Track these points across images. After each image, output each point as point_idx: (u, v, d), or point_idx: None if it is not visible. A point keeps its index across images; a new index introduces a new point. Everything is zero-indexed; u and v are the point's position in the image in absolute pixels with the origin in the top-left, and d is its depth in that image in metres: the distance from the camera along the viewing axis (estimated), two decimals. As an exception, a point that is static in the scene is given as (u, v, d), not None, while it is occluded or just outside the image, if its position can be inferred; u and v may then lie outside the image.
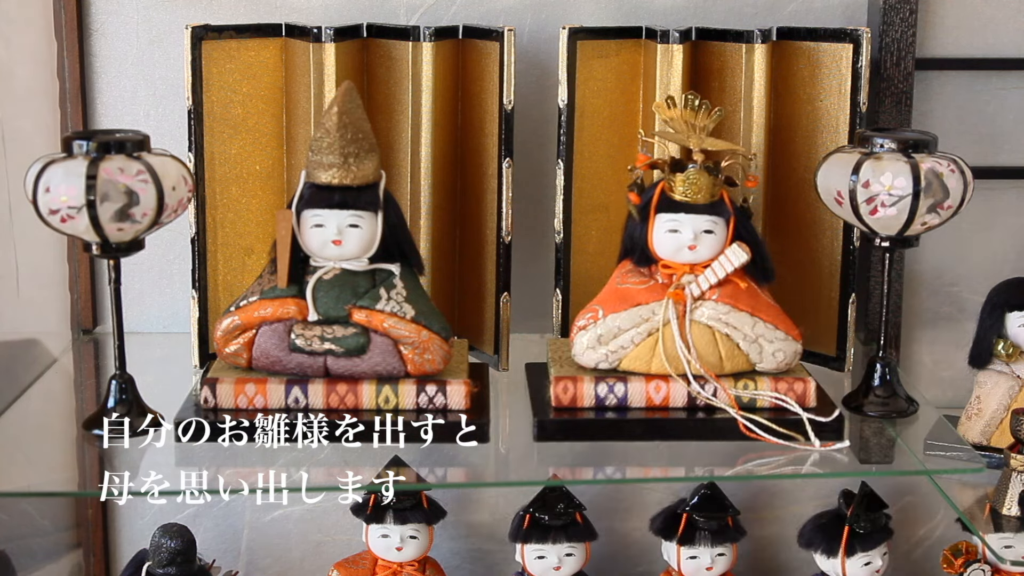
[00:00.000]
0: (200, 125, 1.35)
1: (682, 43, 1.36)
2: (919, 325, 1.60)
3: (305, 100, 1.36)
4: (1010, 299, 1.35)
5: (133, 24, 1.49)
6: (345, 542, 1.62)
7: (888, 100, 1.48)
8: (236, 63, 1.37)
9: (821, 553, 1.45)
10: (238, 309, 1.23)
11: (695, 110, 1.26)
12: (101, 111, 1.50)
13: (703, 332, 1.24)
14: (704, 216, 1.25)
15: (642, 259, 1.28)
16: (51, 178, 1.14)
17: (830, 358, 1.42)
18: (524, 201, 1.48)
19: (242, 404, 1.21)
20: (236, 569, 1.55)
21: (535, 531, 1.42)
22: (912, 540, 1.67)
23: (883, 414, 1.30)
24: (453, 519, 1.60)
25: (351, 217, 1.23)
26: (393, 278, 1.25)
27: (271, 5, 1.49)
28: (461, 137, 1.42)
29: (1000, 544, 1.28)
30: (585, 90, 1.39)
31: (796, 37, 1.39)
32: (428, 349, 1.22)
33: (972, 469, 1.25)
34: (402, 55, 1.37)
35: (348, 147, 1.22)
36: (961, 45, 1.54)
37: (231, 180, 1.39)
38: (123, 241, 1.18)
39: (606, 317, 1.25)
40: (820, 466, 1.20)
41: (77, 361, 1.50)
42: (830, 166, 1.26)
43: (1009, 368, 1.35)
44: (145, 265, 1.53)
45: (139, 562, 1.39)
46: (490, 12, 1.50)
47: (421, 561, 1.45)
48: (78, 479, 1.25)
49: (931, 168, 1.21)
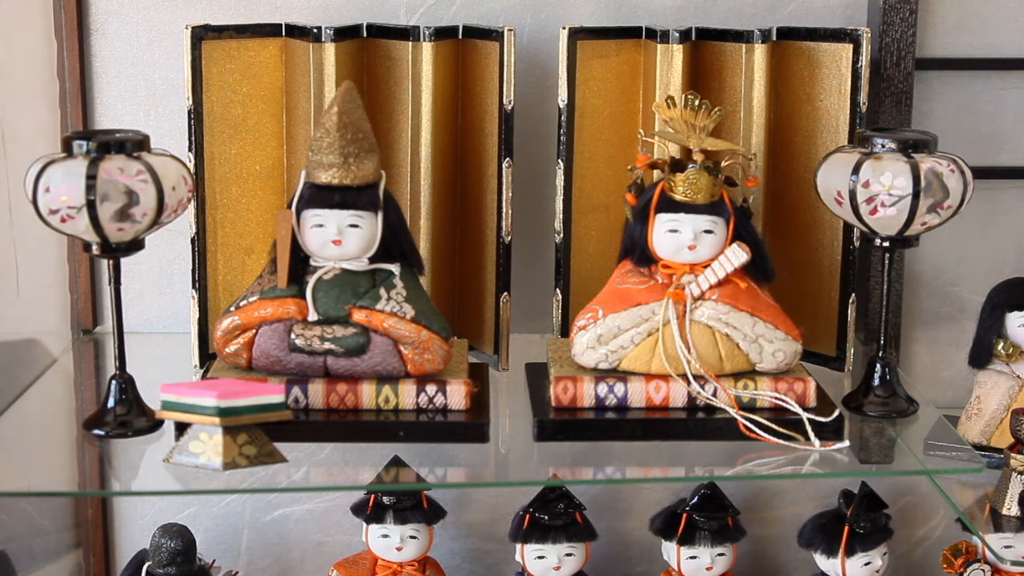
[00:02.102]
0: (200, 125, 1.35)
1: (682, 43, 1.36)
2: (919, 325, 1.60)
3: (305, 100, 1.36)
4: (1010, 299, 1.35)
5: (133, 24, 1.49)
6: (345, 542, 1.62)
7: (888, 100, 1.48)
8: (236, 63, 1.37)
9: (821, 553, 1.45)
10: (238, 309, 1.23)
11: (695, 110, 1.26)
12: (101, 111, 1.50)
13: (703, 332, 1.24)
14: (704, 216, 1.25)
15: (642, 259, 1.28)
16: (51, 178, 1.14)
17: (830, 358, 1.42)
18: (524, 201, 1.48)
19: (242, 404, 1.21)
20: (236, 569, 1.55)
21: (535, 531, 1.42)
22: (912, 540, 1.67)
23: (883, 414, 1.30)
24: (453, 519, 1.60)
25: (351, 217, 1.23)
26: (393, 278, 1.25)
27: (271, 5, 1.49)
28: (461, 137, 1.42)
29: (1000, 544, 1.28)
30: (585, 90, 1.39)
31: (796, 37, 1.39)
32: (428, 349, 1.22)
33: (972, 469, 1.25)
34: (402, 55, 1.37)
35: (348, 147, 1.22)
36: (961, 45, 1.54)
37: (231, 180, 1.39)
38: (123, 241, 1.18)
39: (606, 317, 1.25)
40: (820, 466, 1.20)
41: (77, 361, 1.50)
42: (830, 166, 1.26)
43: (1009, 368, 1.35)
44: (145, 265, 1.53)
45: (139, 562, 1.39)
46: (490, 12, 1.50)
47: (421, 561, 1.45)
48: (78, 479, 1.25)
49: (931, 168, 1.21)
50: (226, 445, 1.12)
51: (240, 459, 1.13)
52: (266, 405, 1.14)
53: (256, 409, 1.14)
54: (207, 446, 1.13)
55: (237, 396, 1.13)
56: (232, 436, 1.13)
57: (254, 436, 1.14)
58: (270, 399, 1.14)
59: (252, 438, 1.14)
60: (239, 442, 1.13)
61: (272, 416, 1.14)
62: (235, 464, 1.12)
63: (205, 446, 1.13)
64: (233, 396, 1.12)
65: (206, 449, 1.13)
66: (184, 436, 1.14)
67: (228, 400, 1.12)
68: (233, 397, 1.12)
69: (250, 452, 1.13)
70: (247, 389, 1.14)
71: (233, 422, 1.12)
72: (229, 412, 1.12)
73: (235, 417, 1.12)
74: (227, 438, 1.12)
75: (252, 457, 1.13)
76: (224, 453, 1.12)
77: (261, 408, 1.14)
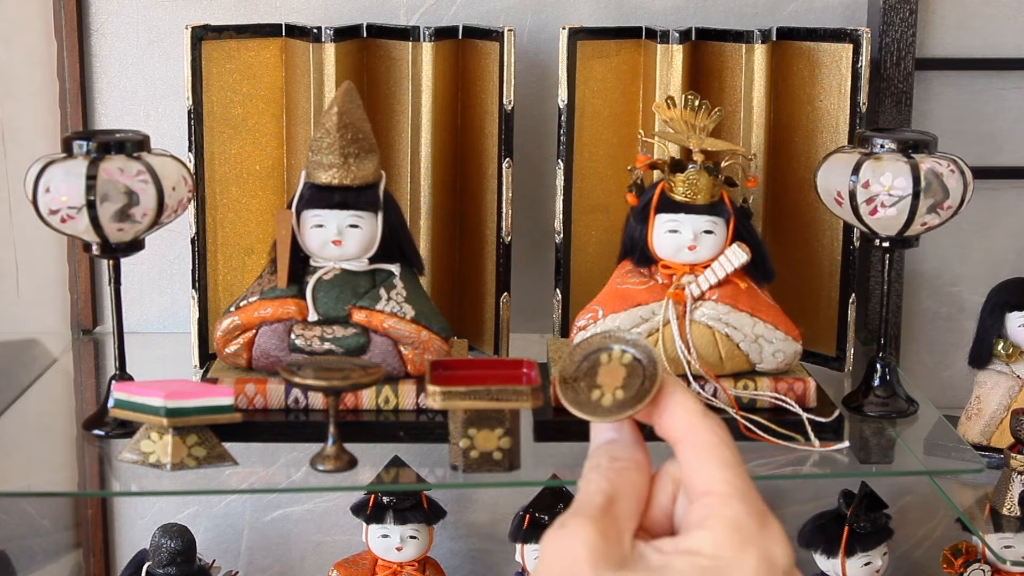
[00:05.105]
0: (200, 125, 1.35)
1: (682, 43, 1.36)
2: (919, 325, 1.61)
3: (305, 100, 1.36)
4: (1010, 299, 1.35)
5: (133, 24, 1.49)
6: (345, 542, 1.62)
7: (888, 100, 1.48)
8: (236, 63, 1.37)
9: (821, 553, 1.45)
10: (238, 309, 1.23)
11: (695, 110, 1.26)
12: (101, 111, 1.51)
13: (703, 332, 1.24)
14: (704, 216, 1.25)
15: (642, 259, 1.27)
16: (51, 178, 1.14)
17: (830, 358, 1.42)
18: (524, 201, 1.48)
19: (242, 404, 1.21)
20: (236, 569, 1.55)
21: (535, 531, 1.42)
22: (912, 540, 1.67)
23: (883, 414, 1.30)
24: (453, 519, 1.60)
25: (351, 217, 1.23)
26: (393, 278, 1.25)
27: (271, 5, 1.49)
28: (461, 137, 1.42)
29: (1000, 544, 1.28)
30: (585, 90, 1.39)
31: (796, 37, 1.39)
32: (428, 349, 1.22)
33: (972, 469, 1.25)
34: (402, 55, 1.37)
35: (348, 147, 1.22)
36: (961, 45, 1.54)
37: (231, 180, 1.39)
38: (123, 241, 1.18)
39: (606, 317, 1.25)
40: (820, 466, 1.20)
41: (77, 361, 1.50)
42: (830, 166, 1.26)
43: (1009, 368, 1.35)
44: (145, 265, 1.53)
45: (139, 562, 1.39)
46: (490, 12, 1.50)
47: (421, 561, 1.46)
48: (78, 479, 1.25)
49: (931, 168, 1.21)
50: (175, 446, 1.12)
51: (189, 460, 1.13)
52: (214, 407, 1.14)
53: (204, 410, 1.13)
54: (157, 446, 1.13)
55: (185, 397, 1.12)
56: (181, 437, 1.13)
57: (204, 437, 1.14)
58: (218, 400, 1.14)
59: (202, 439, 1.14)
60: (188, 443, 1.13)
61: (221, 418, 1.14)
62: (183, 465, 1.12)
63: (155, 446, 1.13)
64: (181, 397, 1.12)
65: (156, 449, 1.13)
66: (136, 434, 1.15)
67: (176, 401, 1.12)
68: (181, 398, 1.12)
69: (199, 453, 1.13)
70: (196, 390, 1.14)
71: (181, 423, 1.12)
72: (177, 413, 1.12)
73: (183, 418, 1.12)
74: (176, 439, 1.13)
75: (201, 459, 1.13)
76: (173, 453, 1.12)
77: (209, 410, 1.14)
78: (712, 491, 0.61)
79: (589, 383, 0.65)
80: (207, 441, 1.14)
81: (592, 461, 0.64)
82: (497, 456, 1.11)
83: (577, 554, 0.59)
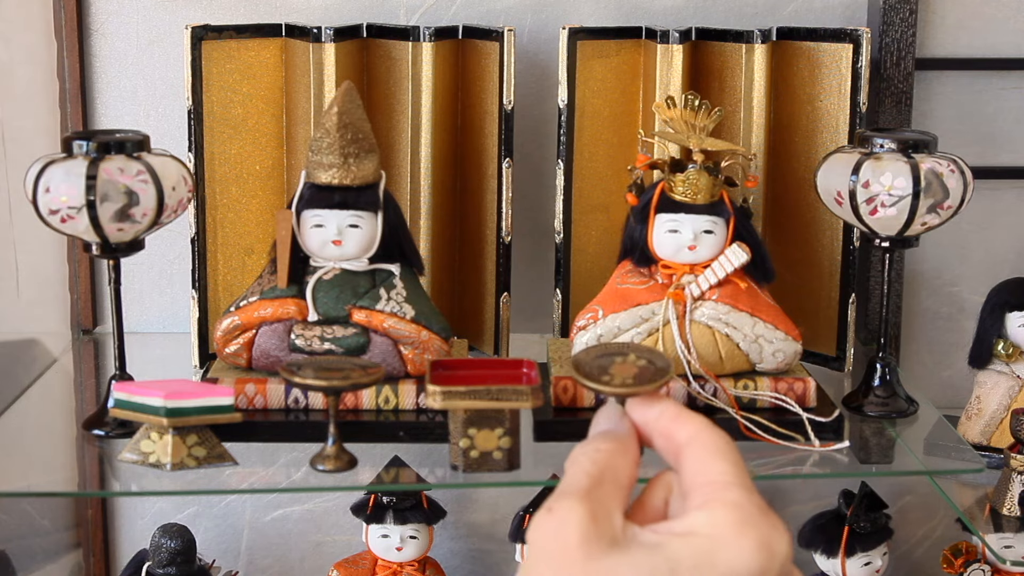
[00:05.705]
0: (200, 125, 1.35)
1: (682, 43, 1.36)
2: (919, 325, 1.61)
3: (305, 100, 1.36)
4: (1010, 299, 1.35)
5: (133, 24, 1.49)
6: (345, 542, 1.62)
7: (888, 100, 1.48)
8: (236, 63, 1.37)
9: (821, 553, 1.45)
10: (238, 309, 1.23)
11: (695, 110, 1.26)
12: (101, 111, 1.51)
13: (703, 332, 1.24)
14: (704, 216, 1.25)
15: (642, 259, 1.27)
16: (51, 178, 1.14)
17: (830, 358, 1.42)
18: (524, 201, 1.48)
19: (242, 404, 1.21)
20: (236, 569, 1.55)
21: (535, 531, 1.42)
22: (912, 540, 1.67)
23: (883, 414, 1.30)
24: (453, 519, 1.60)
25: (351, 217, 1.23)
26: (393, 278, 1.25)
27: (271, 5, 1.49)
28: (461, 137, 1.42)
29: (1000, 544, 1.28)
30: (585, 90, 1.39)
31: (796, 37, 1.39)
32: (428, 349, 1.22)
33: (972, 469, 1.25)
34: (402, 55, 1.37)
35: (348, 147, 1.22)
36: (961, 45, 1.54)
37: (231, 180, 1.39)
38: (123, 241, 1.18)
39: (606, 317, 1.25)
40: (820, 466, 1.20)
41: (77, 361, 1.50)
42: (830, 166, 1.26)
43: (1009, 368, 1.35)
44: (145, 265, 1.53)
45: (139, 562, 1.39)
46: (490, 12, 1.50)
47: (421, 561, 1.46)
48: (78, 479, 1.25)
49: (931, 168, 1.21)
50: (175, 446, 1.12)
51: (189, 460, 1.13)
52: (214, 407, 1.14)
53: (204, 410, 1.13)
54: (157, 446, 1.13)
55: (185, 397, 1.12)
56: (181, 437, 1.13)
57: (204, 437, 1.14)
58: (218, 400, 1.14)
59: (202, 439, 1.14)
60: (188, 443, 1.13)
61: (221, 418, 1.14)
62: (183, 465, 1.12)
63: (155, 446, 1.13)
64: (181, 397, 1.12)
65: (156, 449, 1.13)
66: (136, 435, 1.15)
67: (176, 401, 1.12)
68: (181, 398, 1.12)
69: (199, 453, 1.13)
70: (196, 390, 1.14)
71: (181, 423, 1.12)
72: (177, 413, 1.12)
73: (183, 418, 1.12)
74: (176, 439, 1.12)
75: (201, 459, 1.13)
76: (173, 454, 1.12)
77: (209, 410, 1.13)
78: (714, 480, 0.61)
79: (601, 371, 0.70)
80: (207, 441, 1.14)
81: (579, 448, 0.64)
82: (497, 456, 1.11)
83: (567, 534, 0.58)
